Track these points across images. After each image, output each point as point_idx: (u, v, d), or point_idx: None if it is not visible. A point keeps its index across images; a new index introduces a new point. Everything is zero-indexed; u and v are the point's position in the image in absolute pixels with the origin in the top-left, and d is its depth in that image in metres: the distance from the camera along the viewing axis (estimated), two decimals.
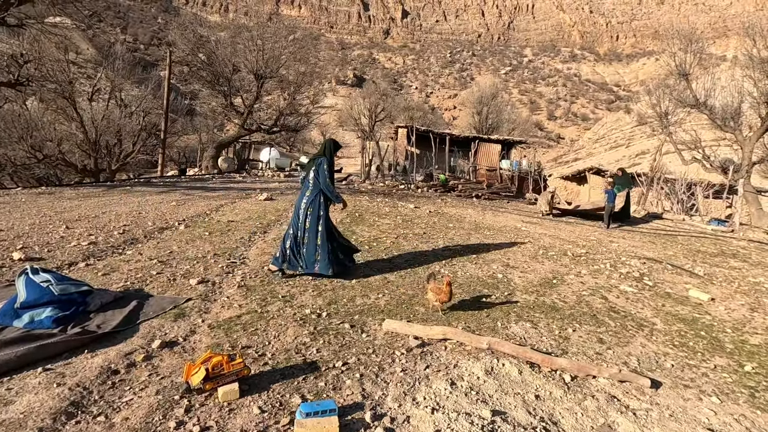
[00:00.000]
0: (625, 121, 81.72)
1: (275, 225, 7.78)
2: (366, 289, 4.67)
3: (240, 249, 5.98)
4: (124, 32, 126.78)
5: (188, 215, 8.19)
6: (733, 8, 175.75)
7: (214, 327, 3.43)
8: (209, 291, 4.27)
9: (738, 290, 5.93)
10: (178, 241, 6.19)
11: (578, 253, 7.38)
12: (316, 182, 4.87)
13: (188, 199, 10.38)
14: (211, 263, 5.20)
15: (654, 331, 4.20)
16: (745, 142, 19.59)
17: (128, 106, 29.14)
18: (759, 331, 4.48)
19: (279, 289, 4.46)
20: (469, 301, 4.54)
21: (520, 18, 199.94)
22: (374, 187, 15.92)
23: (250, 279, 4.73)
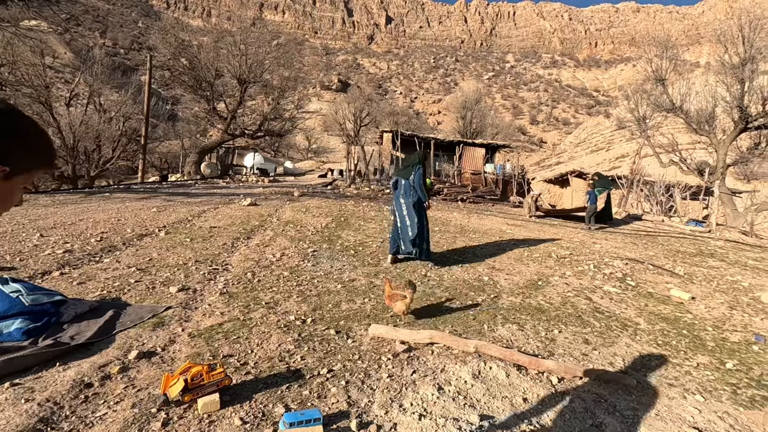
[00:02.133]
0: (605, 125, 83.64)
1: (259, 230, 7.66)
2: (352, 294, 4.61)
3: (222, 255, 5.85)
4: (104, 36, 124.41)
5: (169, 222, 8.01)
6: (705, 16, 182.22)
7: (195, 336, 3.32)
8: (190, 299, 4.14)
9: (717, 289, 6.05)
10: (158, 248, 6.03)
11: (562, 254, 7.46)
12: (414, 186, 6.05)
13: (169, 206, 10.16)
14: (192, 270, 5.07)
15: (638, 330, 4.24)
16: (720, 145, 20.22)
17: (107, 111, 28.57)
18: (738, 328, 4.57)
19: (262, 295, 4.37)
20: (457, 305, 4.52)
21: (501, 25, 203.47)
22: (360, 191, 15.86)
23: (233, 286, 4.62)
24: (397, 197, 6.14)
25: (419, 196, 5.99)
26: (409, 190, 6.02)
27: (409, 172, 6.08)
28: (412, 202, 5.95)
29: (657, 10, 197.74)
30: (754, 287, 6.27)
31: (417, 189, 5.96)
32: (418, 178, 5.98)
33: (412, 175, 6.02)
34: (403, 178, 6.14)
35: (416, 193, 5.98)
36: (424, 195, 6.03)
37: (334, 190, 16.47)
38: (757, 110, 19.02)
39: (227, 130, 23.21)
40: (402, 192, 6.09)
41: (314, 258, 5.99)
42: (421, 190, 5.98)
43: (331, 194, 14.47)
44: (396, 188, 6.26)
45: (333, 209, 10.57)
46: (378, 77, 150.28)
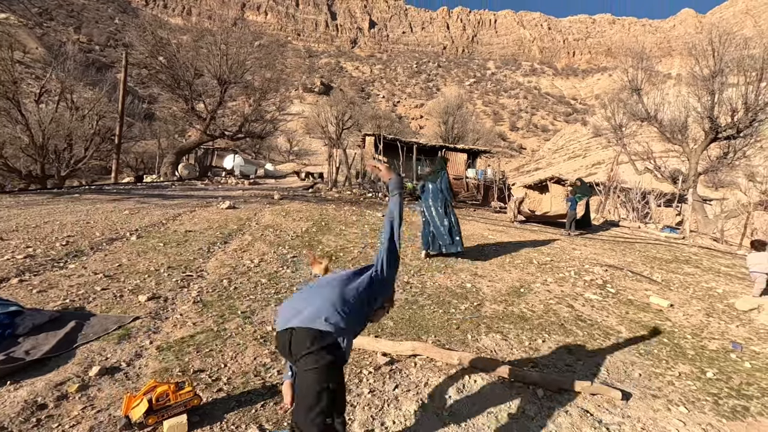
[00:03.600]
0: (582, 132, 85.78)
1: (237, 235, 7.42)
2: None
3: (198, 261, 5.61)
4: (78, 32, 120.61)
5: (142, 225, 7.68)
6: (677, 30, 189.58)
7: (164, 349, 3.12)
8: (160, 308, 3.92)
9: (694, 296, 6.15)
10: (128, 253, 5.75)
11: (543, 261, 7.48)
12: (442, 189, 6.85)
13: (143, 208, 9.78)
14: (164, 277, 4.83)
15: (620, 339, 4.24)
16: (691, 154, 20.90)
17: (80, 109, 27.56)
18: (716, 336, 4.62)
19: (239, 304, 4.18)
20: (440, 314, 4.42)
21: (483, 32, 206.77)
22: (341, 195, 15.68)
23: (208, 294, 4.41)
24: (426, 200, 6.88)
25: (446, 198, 6.83)
26: (437, 193, 6.82)
27: (435, 177, 6.94)
28: (442, 203, 6.76)
29: (631, 23, 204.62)
30: (727, 294, 6.40)
31: (444, 191, 6.83)
32: (445, 182, 6.88)
33: (438, 180, 6.87)
34: (431, 182, 6.93)
35: (444, 195, 6.82)
36: (450, 196, 6.92)
37: (315, 193, 16.24)
38: (726, 121, 19.74)
39: (206, 130, 22.67)
40: (431, 195, 6.86)
41: (294, 264, 5.81)
42: (447, 192, 6.86)
43: (312, 198, 14.24)
44: (423, 192, 7.03)
45: (314, 213, 10.37)
46: (361, 81, 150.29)
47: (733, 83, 20.24)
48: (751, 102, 18.62)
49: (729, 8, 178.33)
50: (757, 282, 6.12)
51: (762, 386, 3.44)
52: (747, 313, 5.53)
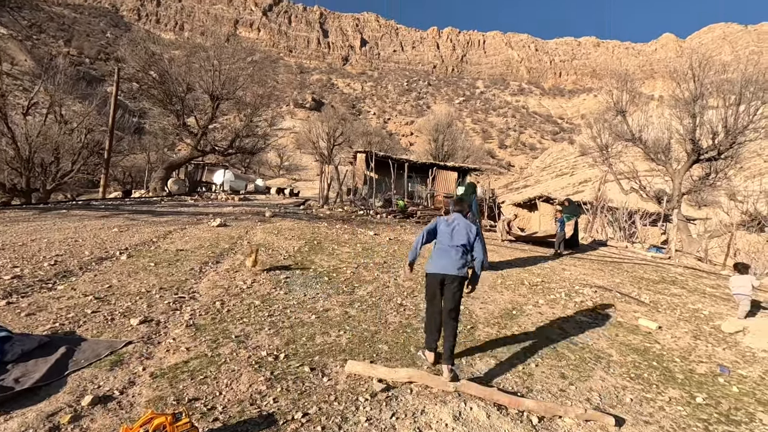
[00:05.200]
0: (569, 151, 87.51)
1: (229, 254, 7.38)
2: (326, 325, 4.46)
3: (189, 282, 5.56)
4: (68, 45, 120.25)
5: (132, 243, 7.60)
6: (658, 54, 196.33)
7: (157, 376, 3.08)
8: (153, 332, 3.88)
9: (681, 318, 6.27)
10: (118, 273, 5.68)
11: (534, 281, 7.56)
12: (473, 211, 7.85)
13: (133, 225, 9.68)
14: (156, 299, 4.78)
15: (611, 363, 4.30)
16: (675, 175, 21.45)
17: (68, 122, 27.38)
18: (703, 359, 4.71)
19: (232, 327, 4.15)
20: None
21: (472, 52, 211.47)
22: (333, 212, 15.70)
23: (201, 317, 4.37)
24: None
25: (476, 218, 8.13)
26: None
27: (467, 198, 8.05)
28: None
29: (615, 46, 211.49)
30: (713, 316, 6.53)
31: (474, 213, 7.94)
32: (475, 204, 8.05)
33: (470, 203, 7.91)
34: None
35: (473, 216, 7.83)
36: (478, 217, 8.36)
37: (306, 210, 16.22)
38: (708, 143, 20.37)
39: (197, 146, 22.61)
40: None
41: (287, 285, 5.80)
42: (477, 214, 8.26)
43: (304, 215, 14.23)
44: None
45: (306, 232, 10.37)
46: (352, 97, 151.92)
47: (713, 106, 20.96)
48: (730, 125, 19.28)
49: (707, 34, 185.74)
50: (741, 304, 6.26)
51: (749, 411, 3.51)
52: (733, 335, 5.65)
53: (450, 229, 3.76)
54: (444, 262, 3.66)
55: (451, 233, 3.74)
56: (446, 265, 3.64)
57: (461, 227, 3.77)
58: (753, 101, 19.15)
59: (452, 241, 3.71)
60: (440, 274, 3.64)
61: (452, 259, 3.64)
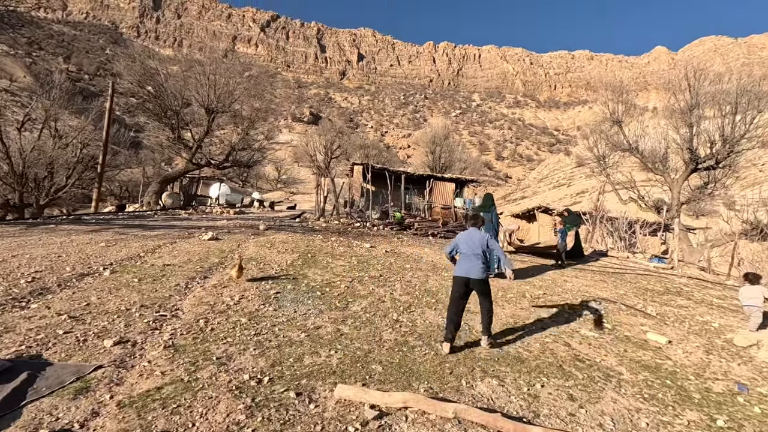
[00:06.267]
0: (566, 162, 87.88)
1: (218, 269, 7.09)
2: (316, 344, 4.16)
3: (174, 299, 5.27)
4: (67, 61, 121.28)
5: (117, 258, 7.31)
6: (651, 66, 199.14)
7: (125, 405, 2.79)
8: (127, 354, 3.58)
9: (690, 331, 5.98)
10: (99, 290, 5.38)
11: (536, 294, 7.28)
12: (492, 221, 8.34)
13: (121, 239, 9.39)
14: (135, 317, 4.48)
15: (622, 381, 4.01)
16: (673, 184, 21.33)
17: (63, 137, 27.24)
18: (719, 376, 4.42)
19: (214, 348, 3.86)
20: (431, 356, 4.14)
21: (468, 66, 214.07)
22: (329, 225, 15.44)
23: (181, 336, 4.08)
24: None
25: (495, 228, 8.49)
26: (488, 224, 7.74)
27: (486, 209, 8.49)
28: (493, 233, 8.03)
29: (608, 59, 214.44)
30: (724, 328, 6.26)
31: (494, 223, 8.54)
32: (495, 215, 8.64)
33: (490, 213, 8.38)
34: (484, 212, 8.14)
35: (494, 225, 8.41)
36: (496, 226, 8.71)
37: (302, 223, 15.96)
38: (705, 152, 20.30)
39: (192, 159, 22.44)
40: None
41: (276, 301, 5.51)
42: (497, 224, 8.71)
43: (299, 228, 13.96)
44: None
45: (300, 245, 10.09)
46: (349, 111, 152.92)
47: (709, 116, 20.96)
48: (728, 134, 19.24)
49: (699, 46, 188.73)
50: (752, 316, 5.99)
51: None
52: (746, 349, 5.37)
53: (468, 242, 4.61)
54: (467, 267, 4.50)
55: (469, 244, 4.58)
56: (469, 269, 4.49)
57: (477, 239, 4.61)
58: (749, 110, 19.16)
59: (471, 250, 4.55)
60: (465, 277, 4.48)
61: (474, 265, 4.49)
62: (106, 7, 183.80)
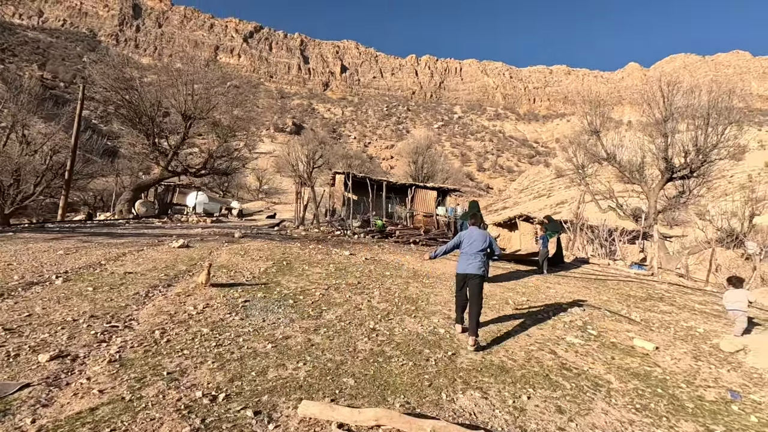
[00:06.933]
0: (545, 173, 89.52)
1: (185, 276, 6.64)
2: (283, 355, 3.79)
3: (130, 308, 4.82)
4: (42, 69, 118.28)
5: (75, 266, 6.78)
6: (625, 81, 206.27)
7: (48, 431, 2.37)
8: (64, 370, 3.15)
9: (676, 336, 5.82)
10: (46, 299, 4.89)
11: (519, 301, 7.05)
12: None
13: (83, 247, 8.80)
14: (81, 329, 4.03)
15: (611, 391, 3.76)
16: (650, 193, 21.71)
17: (32, 143, 26.18)
18: (710, 383, 4.23)
19: (167, 362, 3.45)
20: (409, 367, 3.82)
21: (449, 79, 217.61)
22: (309, 233, 15.02)
23: (132, 349, 3.65)
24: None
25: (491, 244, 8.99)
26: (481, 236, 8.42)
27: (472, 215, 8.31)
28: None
29: (585, 74, 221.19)
30: (709, 333, 6.12)
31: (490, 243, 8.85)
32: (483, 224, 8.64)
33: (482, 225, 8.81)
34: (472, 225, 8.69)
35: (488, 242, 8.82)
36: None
37: (281, 231, 15.50)
38: (680, 162, 20.76)
39: (168, 166, 21.73)
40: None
41: (244, 310, 5.11)
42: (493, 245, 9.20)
43: (277, 236, 13.51)
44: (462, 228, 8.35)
45: (276, 252, 9.67)
46: (332, 122, 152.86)
47: (682, 129, 21.51)
48: (701, 144, 19.72)
49: (669, 63, 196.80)
50: (737, 321, 5.87)
51: None
52: (734, 354, 5.22)
53: (470, 240, 4.99)
54: (467, 264, 4.88)
55: (470, 243, 4.97)
56: (468, 266, 4.87)
57: (478, 237, 5.00)
58: (720, 122, 19.72)
59: (472, 248, 4.93)
60: (464, 273, 4.88)
61: (473, 262, 4.87)
62: (84, 15, 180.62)
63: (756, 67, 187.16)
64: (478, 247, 4.90)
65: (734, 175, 61.66)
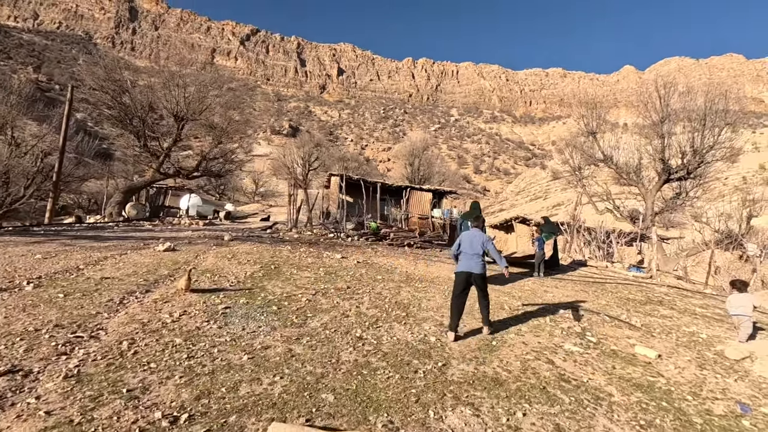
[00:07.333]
0: (542, 176, 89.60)
1: (166, 281, 6.34)
2: (260, 368, 3.50)
3: (100, 316, 4.52)
4: (38, 71, 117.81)
5: (50, 271, 6.47)
6: (620, 84, 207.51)
7: None
8: (12, 388, 2.85)
9: (679, 343, 5.57)
10: (11, 307, 4.59)
11: (515, 306, 6.79)
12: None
13: (64, 251, 8.48)
14: (42, 340, 3.73)
15: (613, 405, 3.49)
16: (647, 195, 21.55)
17: (21, 144, 25.81)
18: (718, 395, 3.96)
19: (129, 377, 3.15)
20: (396, 380, 3.54)
21: (446, 82, 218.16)
22: (301, 236, 14.73)
23: (93, 363, 3.36)
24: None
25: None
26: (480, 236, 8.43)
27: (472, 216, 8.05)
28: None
29: (581, 77, 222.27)
30: (713, 339, 5.87)
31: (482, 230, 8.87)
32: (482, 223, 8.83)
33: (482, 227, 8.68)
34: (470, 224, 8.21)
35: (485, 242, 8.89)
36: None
37: (273, 234, 15.20)
38: (677, 163, 20.61)
39: (160, 168, 21.41)
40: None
41: (224, 317, 4.82)
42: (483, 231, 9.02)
43: (268, 239, 13.21)
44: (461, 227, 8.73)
45: (264, 255, 9.38)
46: (329, 124, 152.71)
47: (679, 131, 21.38)
48: (697, 145, 19.59)
49: (664, 66, 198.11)
50: (742, 326, 5.63)
51: None
52: (740, 362, 4.96)
53: (470, 241, 5.14)
54: (468, 264, 5.03)
55: (470, 244, 5.12)
56: (470, 265, 5.02)
57: (478, 239, 5.14)
58: (717, 122, 19.59)
59: (472, 249, 5.09)
60: (466, 272, 5.00)
61: (474, 262, 5.03)
62: (80, 17, 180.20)
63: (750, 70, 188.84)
64: (477, 250, 5.04)
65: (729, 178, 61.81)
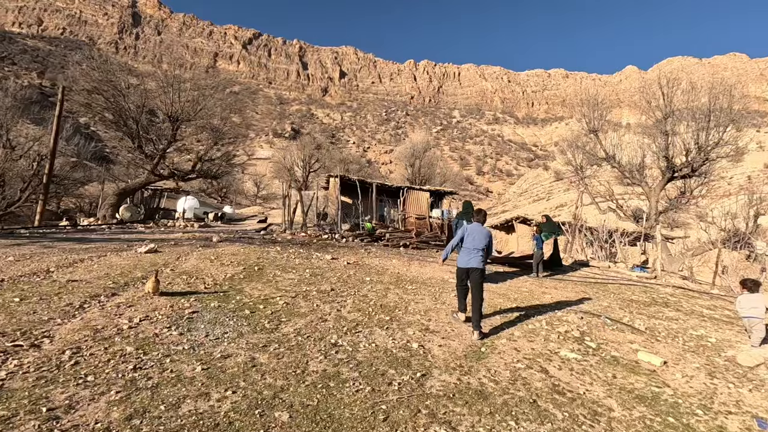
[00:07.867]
0: (544, 177, 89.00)
1: (137, 284, 5.96)
2: (212, 380, 3.11)
3: (52, 322, 4.14)
4: (41, 77, 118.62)
5: (17, 274, 6.11)
6: (623, 84, 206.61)
7: None
8: None
9: (686, 348, 5.13)
10: None
11: (509, 308, 6.37)
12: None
13: (41, 254, 8.14)
14: None
15: (613, 422, 3.07)
16: (651, 193, 21.05)
17: (16, 147, 25.64)
18: (731, 408, 3.54)
19: (57, 392, 2.76)
20: (365, 393, 3.13)
21: (448, 84, 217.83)
22: (295, 237, 14.35)
23: (23, 375, 2.97)
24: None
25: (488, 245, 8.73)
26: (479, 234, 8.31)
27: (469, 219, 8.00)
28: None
29: (583, 77, 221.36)
30: (722, 344, 5.44)
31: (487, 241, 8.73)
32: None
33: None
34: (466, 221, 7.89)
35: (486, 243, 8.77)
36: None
37: (266, 235, 14.84)
38: (681, 161, 20.13)
39: (154, 170, 21.11)
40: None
41: (189, 323, 4.43)
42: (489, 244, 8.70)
43: (258, 240, 12.83)
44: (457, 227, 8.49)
45: (251, 257, 8.99)
46: (331, 127, 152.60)
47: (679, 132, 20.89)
48: (702, 142, 19.10)
49: (667, 66, 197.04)
50: (755, 330, 5.18)
51: None
52: (753, 370, 4.53)
53: (472, 237, 5.22)
54: (467, 259, 5.15)
55: (472, 239, 5.21)
56: (469, 260, 5.13)
57: (480, 235, 5.23)
58: (722, 120, 19.11)
59: (473, 244, 5.18)
60: (467, 268, 5.13)
61: (473, 257, 5.13)
62: (83, 23, 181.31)
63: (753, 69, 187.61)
64: (479, 245, 5.14)
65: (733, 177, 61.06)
